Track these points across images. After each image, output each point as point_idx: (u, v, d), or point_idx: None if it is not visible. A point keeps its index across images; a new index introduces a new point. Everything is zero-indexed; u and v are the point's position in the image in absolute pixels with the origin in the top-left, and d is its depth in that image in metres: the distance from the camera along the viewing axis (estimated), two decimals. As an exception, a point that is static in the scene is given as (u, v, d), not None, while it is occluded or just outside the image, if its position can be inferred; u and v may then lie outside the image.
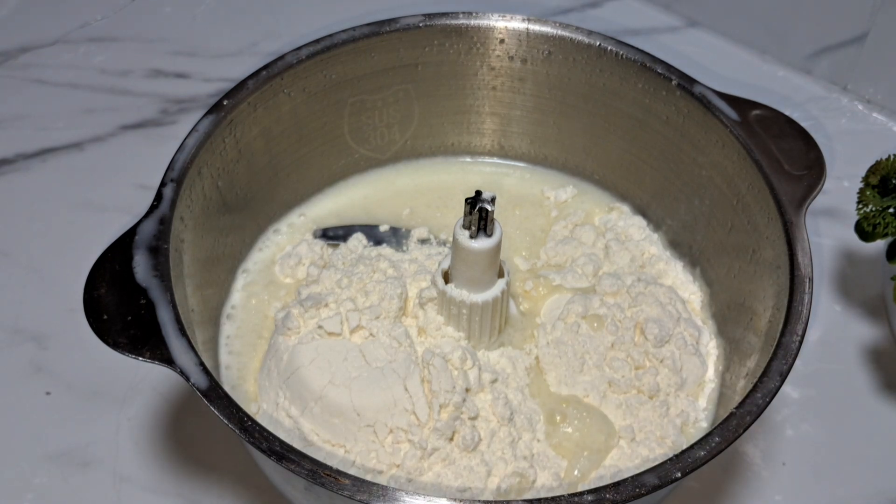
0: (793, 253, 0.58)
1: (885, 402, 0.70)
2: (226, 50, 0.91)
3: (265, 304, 0.67)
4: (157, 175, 0.60)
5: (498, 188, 0.74)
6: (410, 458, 0.56)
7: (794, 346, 0.55)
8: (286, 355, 0.60)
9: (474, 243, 0.58)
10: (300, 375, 0.59)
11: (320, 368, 0.58)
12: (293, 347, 0.60)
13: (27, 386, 0.68)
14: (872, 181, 0.66)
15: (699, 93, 0.65)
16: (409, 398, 0.57)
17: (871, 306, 0.74)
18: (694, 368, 0.63)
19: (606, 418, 0.60)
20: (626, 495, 0.49)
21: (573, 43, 0.69)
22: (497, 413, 0.59)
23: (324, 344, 0.60)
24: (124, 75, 0.88)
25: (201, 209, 0.62)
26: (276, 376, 0.60)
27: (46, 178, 0.80)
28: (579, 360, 0.62)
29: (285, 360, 0.60)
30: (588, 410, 0.60)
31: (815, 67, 0.89)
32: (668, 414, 0.61)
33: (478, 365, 0.60)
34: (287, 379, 0.59)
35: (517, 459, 0.58)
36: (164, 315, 0.54)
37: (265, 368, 0.61)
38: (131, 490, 0.64)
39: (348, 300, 0.61)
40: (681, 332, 0.63)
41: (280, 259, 0.69)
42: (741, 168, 0.63)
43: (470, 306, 0.60)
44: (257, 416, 0.60)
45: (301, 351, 0.59)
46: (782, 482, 0.66)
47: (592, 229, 0.70)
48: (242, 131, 0.65)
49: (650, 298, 0.65)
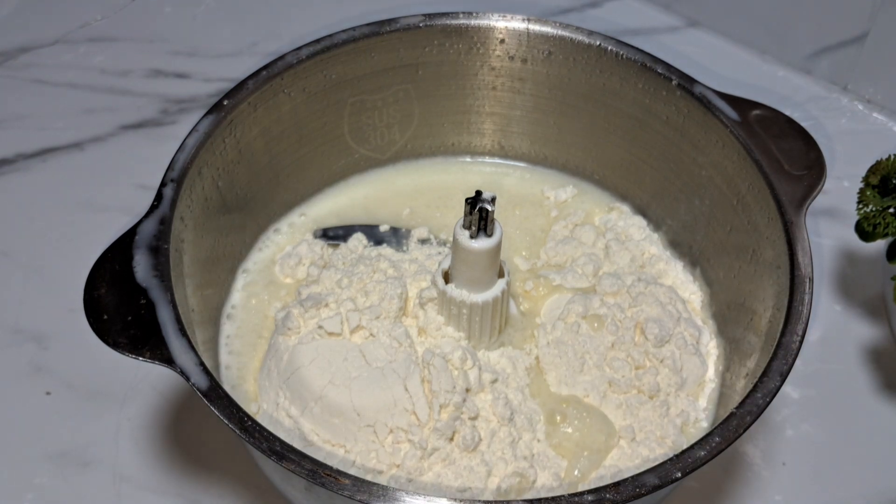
0: (793, 253, 0.58)
1: (886, 402, 0.70)
2: (226, 50, 0.91)
3: (265, 304, 0.67)
4: (157, 175, 0.60)
5: (498, 188, 0.74)
6: (410, 458, 0.56)
7: (794, 346, 0.55)
8: (286, 355, 0.60)
9: (474, 243, 0.58)
10: (300, 375, 0.59)
11: (320, 368, 0.58)
12: (293, 347, 0.60)
13: (27, 386, 0.68)
14: (872, 181, 0.66)
15: (699, 93, 0.65)
16: (410, 398, 0.57)
17: (871, 306, 0.74)
18: (694, 368, 0.63)
19: (606, 418, 0.60)
20: (626, 495, 0.49)
21: (573, 43, 0.69)
22: (497, 413, 0.59)
23: (324, 344, 0.60)
24: (124, 75, 0.88)
25: (201, 209, 0.62)
26: (276, 376, 0.60)
27: (46, 179, 0.80)
28: (579, 360, 0.62)
29: (285, 359, 0.60)
30: (588, 410, 0.61)
31: (815, 67, 0.89)
32: (669, 414, 0.61)
33: (478, 365, 0.60)
34: (287, 379, 0.59)
35: (517, 459, 0.58)
36: (164, 315, 0.54)
37: (265, 368, 0.61)
38: (131, 490, 0.64)
39: (348, 300, 0.61)
40: (681, 332, 0.63)
41: (280, 259, 0.69)
42: (741, 168, 0.63)
43: (470, 306, 0.60)
44: (257, 416, 0.60)
45: (301, 351, 0.59)
46: (782, 482, 0.66)
47: (592, 229, 0.70)
48: (242, 131, 0.65)
49: (650, 298, 0.65)
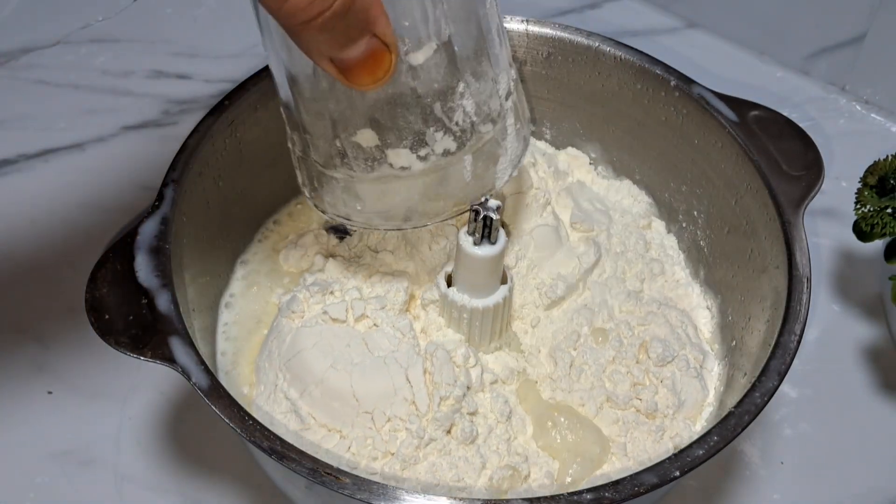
0: (791, 253, 0.58)
1: (883, 401, 0.70)
2: (227, 51, 0.91)
3: (267, 291, 0.67)
4: (158, 175, 0.60)
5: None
6: (406, 446, 0.56)
7: (792, 345, 0.55)
8: (289, 337, 0.60)
9: (478, 250, 0.57)
10: (302, 358, 0.58)
11: (323, 352, 0.58)
12: (297, 330, 0.60)
13: (29, 385, 0.69)
14: (870, 181, 0.66)
15: (698, 94, 0.65)
16: (410, 388, 0.57)
17: (869, 306, 0.75)
18: (694, 392, 0.61)
19: (601, 432, 0.60)
20: (625, 494, 0.49)
21: (572, 44, 0.69)
22: (496, 410, 0.59)
23: (327, 329, 0.59)
24: (126, 76, 0.88)
25: (202, 208, 0.62)
26: (276, 357, 0.60)
27: (48, 179, 0.80)
28: (577, 369, 0.61)
29: (288, 341, 0.60)
30: (581, 421, 0.60)
31: (813, 68, 0.89)
32: (663, 438, 0.60)
33: (480, 364, 0.60)
34: (288, 361, 0.59)
35: (511, 455, 0.58)
36: (166, 315, 0.54)
37: (266, 350, 0.61)
38: (133, 489, 0.64)
39: (354, 289, 0.61)
40: (685, 355, 0.62)
41: (285, 249, 0.69)
42: (740, 168, 0.64)
43: (471, 311, 0.60)
44: (251, 398, 0.60)
45: (304, 334, 0.59)
46: (780, 481, 0.66)
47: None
48: (243, 132, 0.65)
49: (660, 319, 0.64)
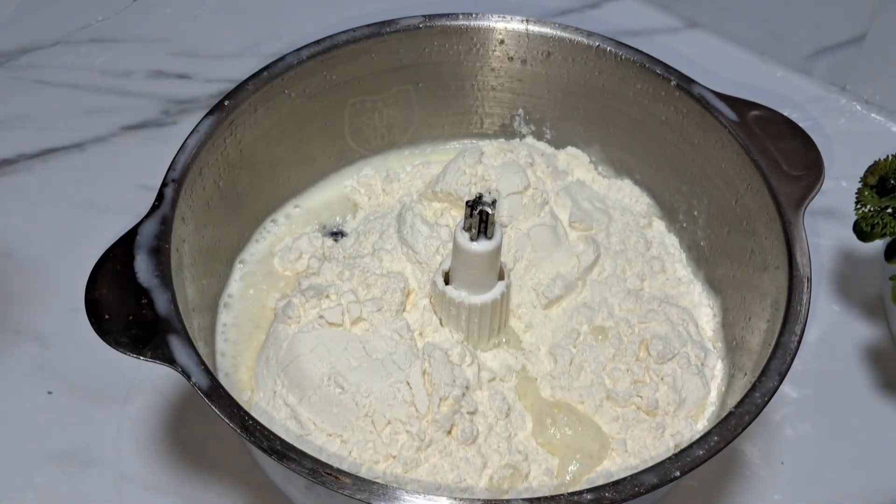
0: (791, 253, 0.58)
1: (884, 401, 0.70)
2: (227, 51, 0.91)
3: (263, 294, 0.67)
4: (158, 175, 0.60)
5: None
6: (407, 448, 0.56)
7: (792, 345, 0.55)
8: (286, 343, 0.60)
9: (474, 245, 0.57)
10: (300, 363, 0.58)
11: (320, 357, 0.58)
12: (293, 336, 0.60)
13: (29, 385, 0.69)
14: (871, 181, 0.66)
15: (698, 93, 0.65)
16: (409, 389, 0.57)
17: (869, 306, 0.75)
18: (695, 389, 0.61)
19: (600, 429, 0.60)
20: (625, 494, 0.49)
21: (573, 44, 0.69)
22: (495, 408, 0.59)
23: (324, 333, 0.59)
24: (126, 76, 0.88)
25: (202, 209, 0.62)
26: (274, 364, 0.60)
27: (48, 179, 0.81)
28: (577, 367, 0.61)
29: (285, 347, 0.60)
30: (580, 418, 0.60)
31: (813, 68, 0.89)
32: (664, 436, 0.60)
33: (477, 362, 0.60)
34: (286, 367, 0.59)
35: (512, 453, 0.58)
36: (166, 315, 0.54)
37: (263, 356, 0.61)
38: (133, 489, 0.64)
39: (349, 292, 0.61)
40: (686, 352, 0.62)
41: (280, 251, 0.69)
42: (740, 168, 0.64)
43: (469, 308, 0.60)
44: (251, 404, 0.60)
45: (301, 339, 0.59)
46: (781, 481, 0.66)
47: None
48: (243, 132, 0.65)
49: (661, 317, 0.64)
